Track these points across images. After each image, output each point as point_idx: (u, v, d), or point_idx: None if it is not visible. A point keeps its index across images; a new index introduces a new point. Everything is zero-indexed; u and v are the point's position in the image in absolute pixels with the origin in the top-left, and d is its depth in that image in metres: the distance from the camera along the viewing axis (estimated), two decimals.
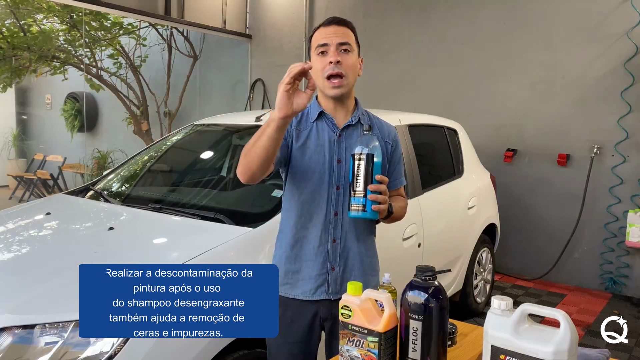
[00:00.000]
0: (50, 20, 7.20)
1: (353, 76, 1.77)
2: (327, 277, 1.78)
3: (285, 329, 1.79)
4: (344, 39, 1.74)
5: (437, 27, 5.50)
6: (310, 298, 1.78)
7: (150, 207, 2.61)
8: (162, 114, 7.55)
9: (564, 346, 1.13)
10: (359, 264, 1.83)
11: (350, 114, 1.83)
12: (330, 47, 1.73)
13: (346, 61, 1.73)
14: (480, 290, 4.13)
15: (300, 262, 1.79)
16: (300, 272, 1.79)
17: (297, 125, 1.82)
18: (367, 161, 1.59)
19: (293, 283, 1.80)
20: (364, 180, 1.58)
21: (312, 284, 1.78)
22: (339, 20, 1.79)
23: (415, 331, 1.28)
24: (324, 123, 1.81)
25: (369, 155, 1.59)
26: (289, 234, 1.81)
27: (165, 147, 3.47)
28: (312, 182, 1.77)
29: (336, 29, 1.76)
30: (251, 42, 7.01)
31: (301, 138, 1.79)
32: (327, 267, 1.78)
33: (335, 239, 1.78)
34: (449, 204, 3.62)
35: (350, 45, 1.75)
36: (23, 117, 8.49)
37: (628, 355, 3.46)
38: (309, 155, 1.77)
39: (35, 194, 7.35)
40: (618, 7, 4.50)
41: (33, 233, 2.55)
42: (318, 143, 1.78)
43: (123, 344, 1.69)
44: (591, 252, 4.76)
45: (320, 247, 1.78)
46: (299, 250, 1.79)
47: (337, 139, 1.78)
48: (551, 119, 4.88)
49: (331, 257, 1.78)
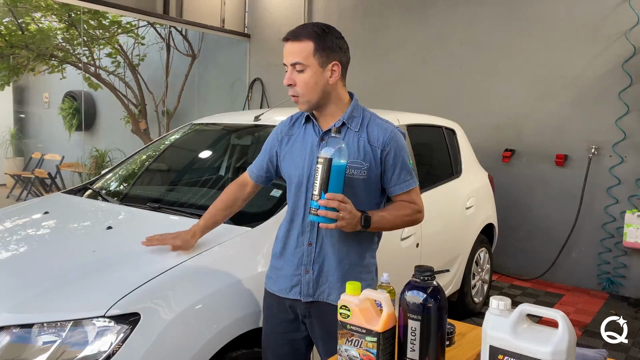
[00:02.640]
0: (49, 19, 7.18)
1: (310, 92, 1.73)
2: (300, 279, 1.81)
3: (272, 318, 1.89)
4: (295, 59, 1.71)
5: (436, 26, 5.50)
6: (286, 296, 1.84)
7: (149, 206, 2.61)
8: (161, 113, 7.53)
9: (563, 346, 1.13)
10: (335, 270, 1.79)
11: (338, 116, 1.79)
12: (287, 67, 1.74)
13: (299, 81, 1.73)
14: (478, 290, 4.13)
15: (283, 260, 1.86)
16: (282, 270, 1.86)
17: (289, 130, 1.89)
18: (325, 165, 1.57)
19: (275, 279, 1.88)
20: (320, 184, 1.58)
21: (287, 283, 1.84)
22: (293, 35, 1.73)
23: (414, 331, 1.28)
24: (310, 127, 1.84)
25: (326, 159, 1.57)
26: (281, 231, 1.89)
27: (164, 146, 3.46)
28: (295, 184, 1.82)
29: (291, 46, 1.73)
30: (250, 41, 7.01)
31: (290, 142, 1.87)
32: (301, 269, 1.81)
33: (311, 242, 1.80)
34: (447, 204, 3.63)
35: (302, 64, 1.71)
36: (21, 115, 8.47)
37: (625, 355, 3.47)
38: (292, 159, 1.84)
39: (33, 192, 7.34)
40: (616, 7, 4.51)
41: (31, 232, 2.54)
42: (302, 147, 1.83)
43: (121, 344, 1.68)
44: (589, 252, 4.77)
45: (297, 249, 1.82)
46: (284, 249, 1.86)
47: (319, 143, 1.78)
48: (549, 119, 4.88)
49: (306, 259, 1.81)
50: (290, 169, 1.84)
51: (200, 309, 1.90)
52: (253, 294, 2.04)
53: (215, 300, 1.96)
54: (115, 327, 1.71)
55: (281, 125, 1.93)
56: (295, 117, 1.91)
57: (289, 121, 1.92)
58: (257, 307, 2.04)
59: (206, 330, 1.88)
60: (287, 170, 1.86)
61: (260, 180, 2.02)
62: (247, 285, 2.06)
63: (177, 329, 1.82)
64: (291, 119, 1.92)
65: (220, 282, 2.01)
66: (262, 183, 2.03)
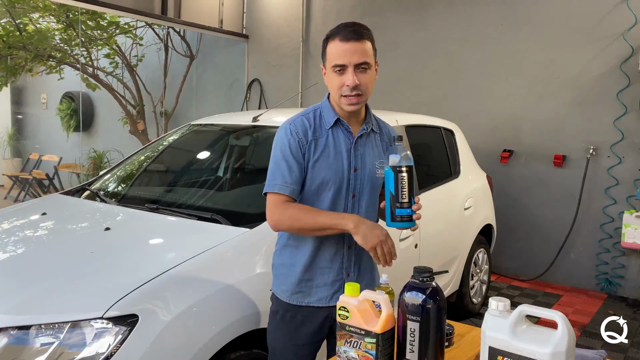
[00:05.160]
0: (47, 20, 7.17)
1: (369, 92, 1.75)
2: (342, 283, 1.80)
3: (293, 332, 1.82)
4: (362, 59, 1.67)
5: (434, 27, 5.51)
6: (327, 304, 1.80)
7: (147, 207, 2.60)
8: (159, 113, 7.53)
9: (562, 347, 1.13)
10: (370, 269, 1.87)
11: (363, 120, 1.82)
12: (348, 67, 1.67)
13: (364, 80, 1.70)
14: (476, 291, 4.13)
15: (314, 270, 1.80)
16: (314, 280, 1.80)
17: (313, 134, 1.76)
18: (410, 173, 1.61)
19: (306, 291, 1.80)
20: (409, 192, 1.61)
21: (328, 291, 1.80)
22: (357, 34, 1.68)
23: (413, 332, 1.28)
24: (340, 130, 1.78)
25: (410, 167, 1.61)
26: (309, 243, 1.78)
27: (162, 147, 3.46)
28: (331, 191, 1.75)
29: (354, 46, 1.67)
30: (248, 42, 7.01)
31: (319, 147, 1.75)
32: (342, 274, 1.81)
33: (351, 245, 1.79)
34: (446, 204, 3.63)
35: (369, 63, 1.70)
36: (19, 116, 8.45)
37: (624, 355, 3.47)
38: (328, 165, 1.75)
39: (31, 193, 7.32)
40: (614, 8, 4.52)
41: (29, 233, 2.54)
42: (336, 151, 1.76)
43: (119, 345, 1.68)
44: (587, 252, 4.78)
45: (336, 254, 1.79)
46: (315, 259, 1.79)
47: (354, 147, 1.78)
48: (547, 120, 4.89)
49: (346, 263, 1.81)
50: (328, 175, 1.73)
51: (198, 310, 1.90)
52: (252, 295, 2.04)
53: (213, 302, 1.96)
54: (113, 329, 1.70)
55: (302, 130, 1.75)
56: (312, 119, 1.78)
57: (308, 124, 1.77)
58: (256, 308, 2.03)
59: (205, 332, 1.87)
60: (322, 175, 1.73)
61: (298, 195, 1.77)
62: (246, 286, 2.05)
63: (176, 330, 1.82)
64: (309, 122, 1.77)
65: (218, 283, 2.00)
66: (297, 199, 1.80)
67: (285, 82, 6.59)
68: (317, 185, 1.75)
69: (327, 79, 1.76)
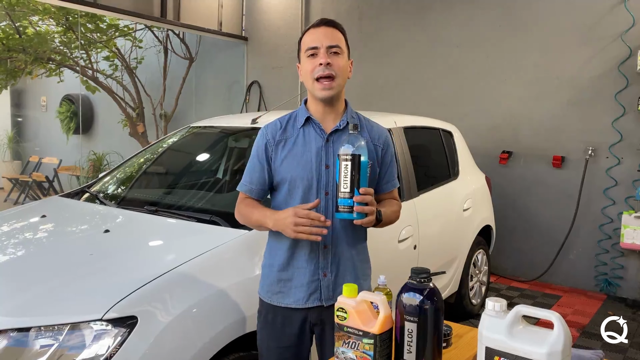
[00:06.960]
0: (46, 22, 7.18)
1: (343, 78, 1.77)
2: (319, 284, 1.78)
3: (277, 334, 1.81)
4: (334, 42, 1.74)
5: (433, 29, 5.52)
6: (303, 306, 1.78)
7: (146, 209, 2.61)
8: (158, 116, 7.53)
9: (558, 347, 1.13)
10: (351, 269, 1.82)
11: (340, 117, 1.81)
12: (320, 49, 1.73)
13: (336, 63, 1.73)
14: (475, 291, 4.14)
15: (292, 270, 1.79)
16: (293, 280, 1.79)
17: (282, 134, 1.80)
18: (354, 162, 1.57)
19: (286, 292, 1.80)
20: (351, 181, 1.57)
21: (304, 292, 1.78)
22: (327, 21, 1.78)
23: (410, 333, 1.29)
24: (311, 129, 1.79)
25: (355, 155, 1.57)
26: (284, 242, 1.78)
27: (162, 149, 3.46)
28: (301, 189, 1.76)
29: (326, 30, 1.76)
30: (247, 44, 7.02)
31: (287, 146, 1.78)
32: (318, 274, 1.78)
33: (327, 245, 1.77)
34: (445, 205, 3.63)
35: (340, 48, 1.75)
36: (18, 119, 8.45)
37: (623, 356, 3.48)
38: (296, 162, 1.76)
39: (31, 196, 7.32)
40: (612, 9, 4.53)
41: (28, 236, 2.54)
42: (305, 150, 1.77)
43: (119, 347, 1.69)
44: (586, 253, 4.78)
45: (311, 254, 1.77)
46: (291, 259, 1.79)
47: (325, 144, 1.77)
48: (546, 121, 4.90)
49: (323, 263, 1.78)
50: (295, 172, 1.75)
51: (197, 312, 1.90)
52: (250, 297, 2.04)
53: (212, 303, 1.96)
54: (112, 331, 1.71)
55: (271, 131, 1.81)
56: (286, 121, 1.83)
57: (279, 125, 1.82)
58: (255, 310, 2.03)
59: (203, 333, 1.88)
60: (290, 173, 1.76)
61: (263, 196, 1.86)
62: (244, 287, 2.06)
63: (175, 332, 1.82)
64: (280, 123, 1.83)
65: (217, 285, 2.01)
66: (263, 198, 1.87)
67: (285, 84, 6.60)
68: (288, 183, 1.77)
69: (302, 71, 1.79)
